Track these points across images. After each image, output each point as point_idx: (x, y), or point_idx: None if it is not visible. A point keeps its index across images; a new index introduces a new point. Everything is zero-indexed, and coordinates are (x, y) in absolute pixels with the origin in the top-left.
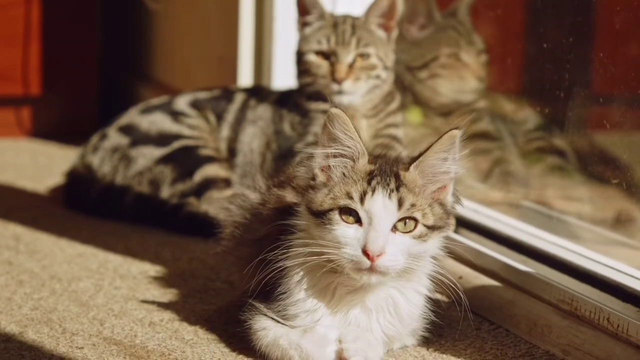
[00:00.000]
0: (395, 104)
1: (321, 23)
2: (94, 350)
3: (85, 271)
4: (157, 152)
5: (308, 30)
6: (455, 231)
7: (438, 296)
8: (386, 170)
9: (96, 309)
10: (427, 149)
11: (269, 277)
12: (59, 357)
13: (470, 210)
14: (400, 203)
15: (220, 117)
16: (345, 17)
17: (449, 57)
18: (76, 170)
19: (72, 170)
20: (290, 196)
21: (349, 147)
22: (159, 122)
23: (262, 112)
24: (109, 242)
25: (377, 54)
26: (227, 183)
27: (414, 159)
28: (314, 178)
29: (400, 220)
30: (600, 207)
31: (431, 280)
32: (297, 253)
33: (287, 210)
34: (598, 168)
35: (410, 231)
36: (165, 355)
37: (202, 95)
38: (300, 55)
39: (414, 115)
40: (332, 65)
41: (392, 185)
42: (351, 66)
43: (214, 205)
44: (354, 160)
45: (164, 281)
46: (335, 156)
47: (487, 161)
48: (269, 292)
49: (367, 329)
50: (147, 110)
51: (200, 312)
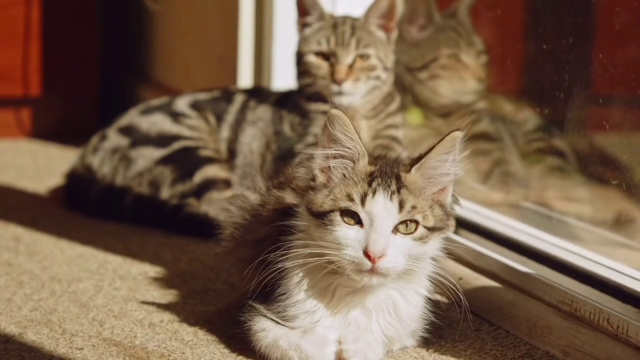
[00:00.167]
0: (395, 104)
1: (321, 24)
2: (93, 351)
3: (85, 272)
4: (157, 153)
5: (308, 31)
6: (455, 232)
7: (438, 297)
8: (387, 171)
9: (96, 310)
10: (429, 150)
11: (268, 278)
12: (59, 358)
13: (470, 211)
14: (401, 205)
15: (220, 118)
16: (345, 18)
17: (448, 58)
18: (76, 171)
19: (72, 171)
20: (290, 197)
21: (349, 148)
22: (159, 123)
23: (262, 113)
24: (108, 243)
25: (377, 54)
26: (227, 184)
27: (416, 161)
28: (314, 179)
29: (401, 222)
30: (600, 208)
31: (431, 281)
32: (296, 254)
33: (287, 211)
34: (598, 169)
35: (411, 233)
36: (165, 356)
37: (202, 96)
38: (300, 56)
39: (414, 116)
40: (332, 66)
41: (393, 187)
42: (351, 67)
43: (214, 206)
44: (354, 162)
45: (163, 282)
46: (335, 157)
47: (487, 162)
48: (269, 293)
49: (366, 330)
50: (147, 111)
51: (200, 313)
